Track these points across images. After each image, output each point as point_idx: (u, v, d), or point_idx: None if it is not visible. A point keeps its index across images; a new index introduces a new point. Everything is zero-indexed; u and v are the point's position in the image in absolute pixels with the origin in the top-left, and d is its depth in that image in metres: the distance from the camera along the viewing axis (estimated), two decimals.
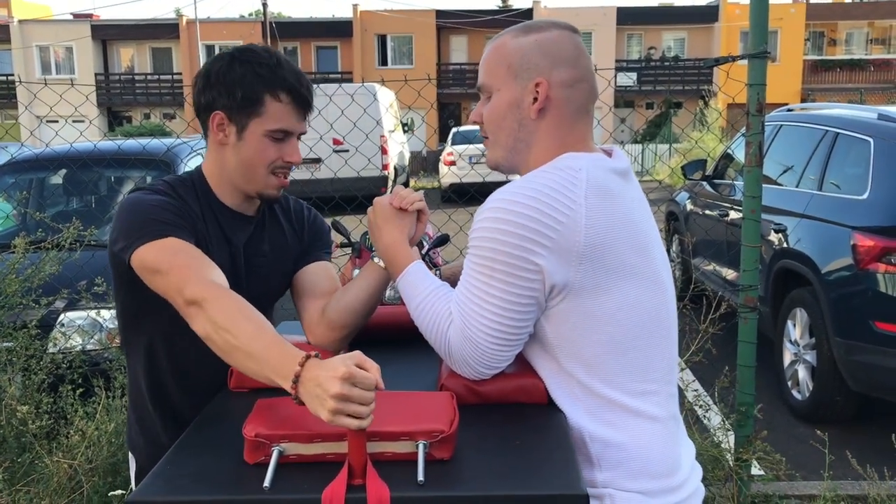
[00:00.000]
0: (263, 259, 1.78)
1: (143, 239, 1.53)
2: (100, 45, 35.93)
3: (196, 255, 1.53)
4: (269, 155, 1.64)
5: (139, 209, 1.58)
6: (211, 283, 1.45)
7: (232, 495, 1.18)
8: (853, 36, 37.02)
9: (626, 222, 1.39)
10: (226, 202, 1.72)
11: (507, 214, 1.34)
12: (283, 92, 1.62)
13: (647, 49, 36.34)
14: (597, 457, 1.40)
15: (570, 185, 1.36)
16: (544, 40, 1.46)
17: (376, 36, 35.32)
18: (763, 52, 2.97)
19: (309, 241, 1.86)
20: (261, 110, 1.61)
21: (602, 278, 1.36)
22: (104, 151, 4.82)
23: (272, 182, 1.68)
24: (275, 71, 1.62)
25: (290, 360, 1.26)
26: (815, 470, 3.77)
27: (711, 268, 6.14)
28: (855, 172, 4.45)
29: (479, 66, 1.55)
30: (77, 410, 3.20)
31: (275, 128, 1.63)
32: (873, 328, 3.99)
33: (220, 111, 1.63)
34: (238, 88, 1.60)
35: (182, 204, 1.65)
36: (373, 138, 13.80)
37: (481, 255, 1.38)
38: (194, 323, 1.43)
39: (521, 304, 1.37)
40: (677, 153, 19.21)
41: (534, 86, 1.45)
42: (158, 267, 1.50)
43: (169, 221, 1.57)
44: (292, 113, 1.64)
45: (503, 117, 1.49)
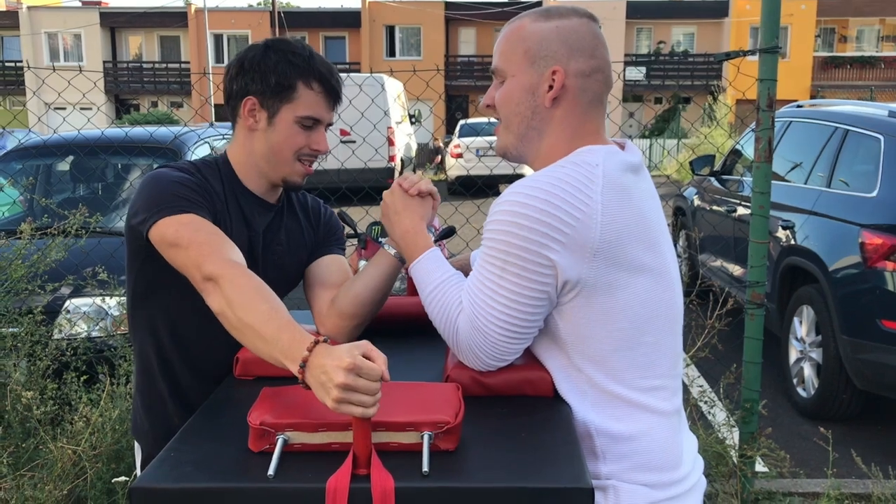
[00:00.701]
0: (280, 247, 1.80)
1: (164, 213, 1.55)
2: (108, 32, 35.94)
3: (216, 233, 1.55)
4: (298, 141, 1.68)
5: (162, 184, 1.60)
6: (229, 261, 1.46)
7: (236, 483, 1.17)
8: (864, 33, 36.81)
9: (639, 218, 1.38)
10: (249, 187, 1.75)
11: (524, 208, 1.33)
12: (316, 81, 1.67)
13: (656, 43, 36.20)
14: (601, 449, 1.40)
15: (588, 180, 1.35)
16: (564, 28, 1.44)
17: (385, 27, 35.25)
18: (774, 47, 2.95)
19: (323, 235, 1.89)
20: (293, 96, 1.66)
21: (614, 274, 1.36)
22: (111, 138, 4.82)
23: (298, 169, 1.71)
24: (308, 61, 1.67)
25: (299, 344, 1.26)
26: (818, 468, 3.76)
27: (718, 264, 6.12)
28: (864, 170, 4.43)
29: (494, 48, 1.53)
30: (81, 397, 3.20)
31: (306, 114, 1.67)
32: (880, 326, 3.97)
33: (253, 96, 1.67)
34: (272, 75, 1.65)
35: (205, 183, 1.67)
36: (380, 129, 13.79)
37: (495, 247, 1.36)
38: (210, 299, 1.44)
39: (533, 299, 1.36)
40: (685, 148, 19.16)
41: (550, 73, 1.44)
42: (178, 241, 1.51)
43: (190, 198, 1.59)
44: (322, 102, 1.69)
45: (517, 103, 1.47)
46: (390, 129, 15.00)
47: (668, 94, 32.00)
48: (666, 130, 25.34)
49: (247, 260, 1.67)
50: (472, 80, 33.95)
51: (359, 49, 35.31)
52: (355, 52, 35.71)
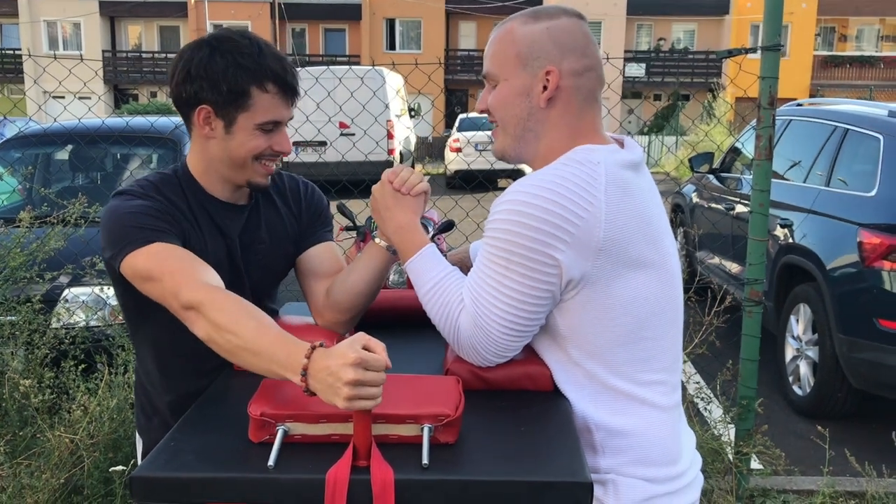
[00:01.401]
0: (262, 246, 1.75)
1: (130, 247, 1.51)
2: (107, 21, 35.83)
3: (185, 258, 1.51)
4: (259, 145, 1.61)
5: (122, 217, 1.55)
6: (205, 286, 1.43)
7: (236, 473, 1.18)
8: (864, 32, 36.80)
9: (641, 216, 1.38)
10: (215, 195, 1.69)
11: (528, 207, 1.33)
12: (270, 82, 1.58)
13: (656, 40, 36.16)
14: (601, 444, 1.41)
15: (591, 179, 1.35)
16: (554, 28, 1.44)
17: (385, 20, 35.16)
18: (776, 44, 2.95)
19: (308, 221, 1.82)
20: (248, 103, 1.57)
21: (617, 271, 1.36)
22: (111, 128, 4.81)
23: (259, 170, 1.64)
24: (258, 60, 1.57)
25: (296, 353, 1.25)
26: (813, 466, 3.78)
27: (716, 261, 6.13)
28: (863, 169, 4.43)
29: (485, 52, 1.52)
30: (79, 386, 3.20)
31: (264, 120, 1.59)
32: (877, 326, 3.98)
33: (206, 105, 1.58)
34: (223, 83, 1.55)
35: (165, 205, 1.61)
36: (380, 122, 13.78)
37: (499, 245, 1.36)
38: (194, 327, 1.42)
39: (537, 297, 1.36)
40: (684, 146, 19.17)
41: (544, 74, 1.43)
42: (150, 274, 1.48)
43: (153, 227, 1.54)
44: (280, 102, 1.60)
45: (512, 105, 1.47)
46: (390, 122, 14.98)
47: (668, 91, 31.97)
48: (665, 127, 25.31)
49: (228, 269, 1.66)
50: (472, 74, 33.90)
51: (359, 42, 35.23)
52: (355, 44, 35.63)
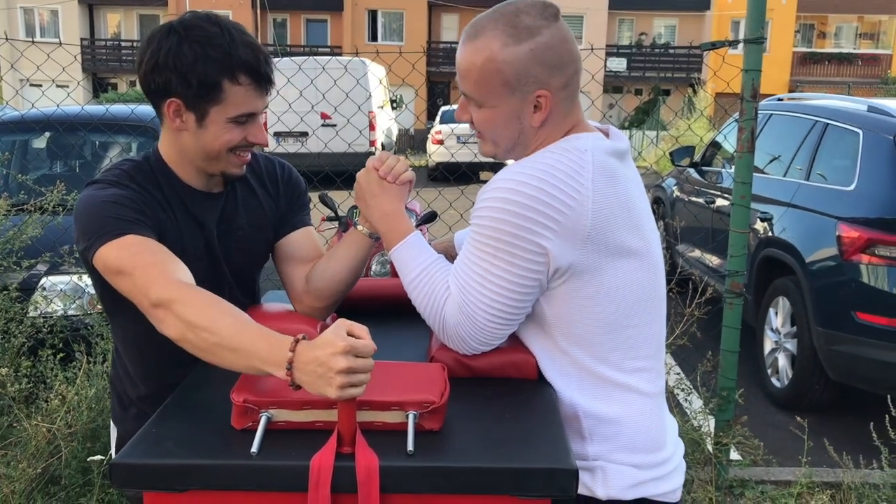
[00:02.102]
0: (241, 232, 1.72)
1: (103, 239, 1.46)
2: (86, 9, 35.39)
3: (158, 252, 1.46)
4: (234, 138, 1.56)
5: (94, 207, 1.51)
6: (177, 283, 1.39)
7: (218, 460, 1.17)
8: (843, 30, 37.13)
9: (626, 203, 1.39)
10: (190, 183, 1.65)
11: (516, 195, 1.33)
12: (243, 73, 1.51)
13: (638, 35, 36.27)
14: (588, 431, 1.41)
15: (578, 167, 1.35)
16: (538, 48, 1.38)
17: (367, 11, 34.99)
18: (760, 37, 2.96)
19: (287, 204, 1.79)
20: (221, 97, 1.52)
21: (603, 259, 1.36)
22: (90, 114, 4.75)
23: (234, 161, 1.60)
24: (229, 51, 1.50)
25: (279, 348, 1.23)
26: (790, 456, 3.81)
27: (696, 254, 6.16)
28: (843, 163, 4.47)
29: (459, 67, 1.44)
30: (57, 375, 3.17)
31: (237, 114, 1.54)
32: (855, 319, 4.02)
33: (176, 98, 1.53)
34: (192, 75, 1.49)
35: (140, 194, 1.57)
36: (362, 112, 13.72)
37: (487, 234, 1.36)
38: (163, 326, 1.37)
39: (524, 286, 1.36)
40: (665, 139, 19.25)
41: (534, 97, 1.40)
42: (121, 268, 1.44)
43: (126, 218, 1.49)
44: (253, 93, 1.54)
45: (503, 128, 1.44)
46: (372, 113, 14.93)
47: (649, 85, 32.10)
48: (645, 122, 25.42)
49: (206, 260, 1.64)
50: (454, 66, 33.75)
51: (340, 33, 35.03)
52: (337, 35, 35.43)
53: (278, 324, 1.55)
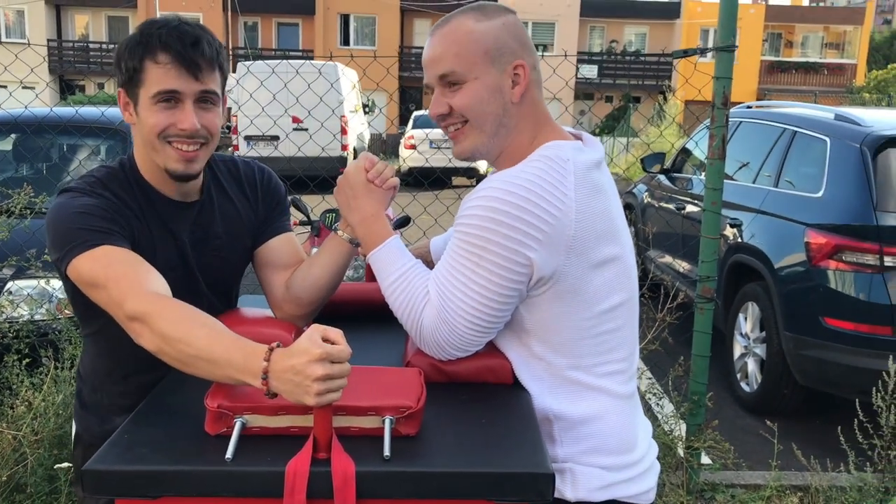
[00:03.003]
0: (218, 241, 1.70)
1: (75, 250, 1.45)
2: (53, 10, 34.92)
3: (133, 263, 1.45)
4: (159, 122, 1.52)
5: (66, 218, 1.49)
6: (151, 295, 1.38)
7: (193, 466, 1.15)
8: (809, 39, 37.78)
9: (605, 212, 1.41)
10: (162, 190, 1.63)
11: (503, 205, 1.33)
12: (161, 52, 1.50)
13: (609, 42, 36.59)
14: (559, 433, 1.42)
15: (561, 177, 1.36)
16: (509, 24, 1.45)
17: (339, 15, 34.93)
18: (731, 45, 3.00)
19: (266, 211, 1.77)
20: (143, 77, 1.52)
21: (584, 268, 1.38)
22: (58, 116, 4.68)
23: (171, 154, 1.55)
24: (151, 33, 1.52)
25: (253, 357, 1.22)
26: (760, 460, 3.85)
27: (667, 260, 6.22)
28: (811, 171, 4.53)
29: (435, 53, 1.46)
30: (23, 381, 3.11)
31: (156, 90, 1.51)
32: (822, 324, 4.07)
33: (121, 89, 1.57)
34: (122, 60, 1.54)
35: (114, 203, 1.55)
36: (335, 116, 13.69)
37: (472, 241, 1.36)
38: (140, 338, 1.36)
39: (506, 295, 1.37)
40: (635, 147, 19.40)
41: (512, 69, 1.43)
42: (95, 280, 1.43)
43: (99, 228, 1.48)
44: (174, 72, 1.51)
45: (487, 103, 1.44)
46: (344, 117, 14.89)
47: (620, 93, 32.38)
48: (616, 129, 25.62)
49: (179, 270, 1.62)
50: None
51: (312, 37, 34.92)
52: (309, 39, 35.31)
53: (254, 328, 1.53)
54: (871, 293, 3.94)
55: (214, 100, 1.57)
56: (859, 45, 36.64)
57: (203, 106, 1.55)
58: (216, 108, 1.58)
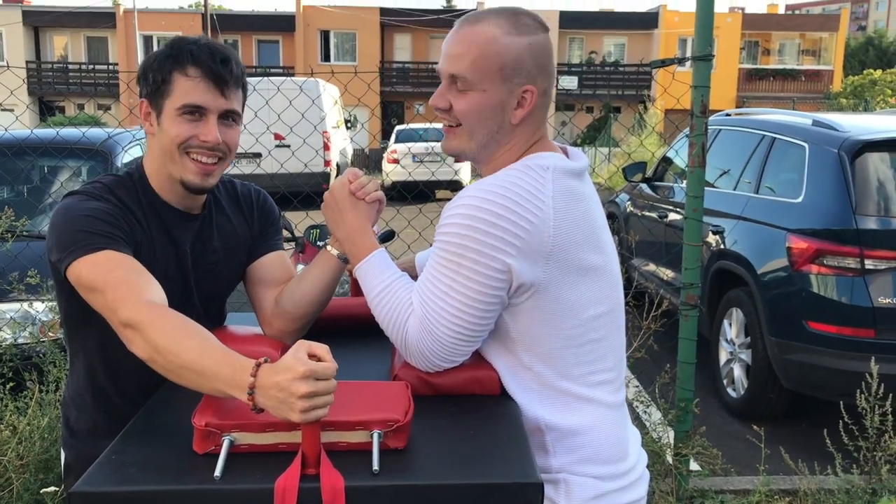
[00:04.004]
0: (214, 255, 1.72)
1: (77, 253, 1.46)
2: (31, 31, 34.79)
3: (133, 270, 1.46)
4: (182, 133, 1.56)
5: (73, 219, 1.50)
6: (147, 305, 1.38)
7: (182, 485, 1.15)
8: (786, 46, 38.21)
9: (586, 220, 1.41)
10: (169, 201, 1.66)
11: (479, 212, 1.34)
12: (192, 66, 1.56)
13: (588, 53, 36.85)
14: (551, 444, 1.42)
15: (540, 185, 1.37)
16: (536, 45, 1.43)
17: (319, 31, 35.00)
18: (708, 55, 3.03)
19: (260, 229, 1.81)
20: (170, 89, 1.57)
21: (565, 276, 1.38)
22: (39, 138, 4.66)
23: (189, 166, 1.59)
24: (183, 47, 1.58)
25: (241, 371, 1.22)
26: (748, 465, 3.87)
27: (651, 268, 6.25)
28: (790, 176, 4.58)
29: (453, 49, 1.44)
30: (7, 405, 3.09)
31: (182, 103, 1.56)
32: (806, 328, 4.11)
33: (144, 99, 1.61)
34: (151, 72, 1.58)
35: (119, 209, 1.57)
36: (318, 131, 13.69)
37: (450, 250, 1.37)
38: (133, 346, 1.37)
39: (486, 303, 1.37)
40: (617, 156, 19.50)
41: (521, 91, 1.43)
42: (94, 284, 1.43)
43: (103, 232, 1.49)
44: (203, 87, 1.56)
45: (486, 117, 1.45)
46: (326, 133, 14.90)
47: (600, 103, 32.58)
48: (597, 139, 25.76)
49: (177, 280, 1.63)
50: (407, 86, 33.94)
51: (293, 53, 34.97)
52: (289, 56, 35.36)
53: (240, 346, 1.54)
54: (852, 296, 3.98)
55: (237, 119, 1.64)
56: (835, 51, 37.09)
57: (225, 123, 1.61)
58: (237, 126, 1.64)
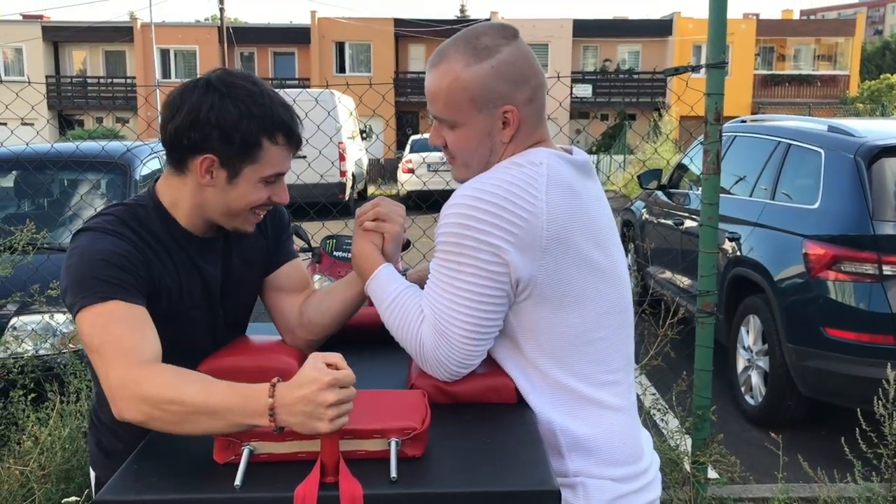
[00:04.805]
0: (237, 273, 1.71)
1: (85, 301, 1.41)
2: (51, 46, 35.20)
3: (133, 325, 1.41)
4: (261, 197, 1.55)
5: (82, 264, 1.45)
6: (137, 364, 1.34)
7: (202, 494, 1.17)
8: (801, 52, 38.01)
9: (585, 216, 1.42)
10: (191, 229, 1.61)
11: (472, 210, 1.36)
12: (281, 134, 1.52)
13: (602, 61, 36.83)
14: (566, 448, 1.43)
15: (532, 179, 1.38)
16: (501, 65, 1.44)
17: (334, 43, 35.19)
18: (722, 62, 3.04)
19: (274, 236, 1.79)
20: (259, 155, 1.51)
21: (564, 271, 1.39)
22: (59, 152, 4.72)
23: (251, 219, 1.60)
24: (270, 110, 1.50)
25: (256, 398, 1.22)
26: (766, 473, 3.85)
27: (667, 275, 6.23)
28: (806, 182, 4.57)
29: (428, 92, 1.49)
30: (29, 416, 3.12)
31: (271, 173, 1.53)
32: (824, 334, 4.08)
33: (211, 154, 1.49)
34: (235, 133, 1.48)
35: (136, 245, 1.51)
36: (333, 143, 13.76)
37: (448, 249, 1.39)
38: (123, 411, 1.31)
39: (491, 297, 1.39)
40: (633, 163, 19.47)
41: (501, 113, 1.46)
42: (90, 342, 1.39)
43: (113, 280, 1.43)
44: (287, 154, 1.55)
45: (477, 146, 1.49)
46: (342, 144, 14.97)
47: (615, 111, 32.56)
48: (612, 147, 25.73)
49: (203, 304, 1.63)
50: (422, 96, 34.02)
51: (308, 65, 35.18)
52: (305, 68, 35.57)
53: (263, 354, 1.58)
54: (870, 302, 3.96)
55: None
56: (851, 56, 36.88)
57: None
58: None
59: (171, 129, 1.50)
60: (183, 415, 1.26)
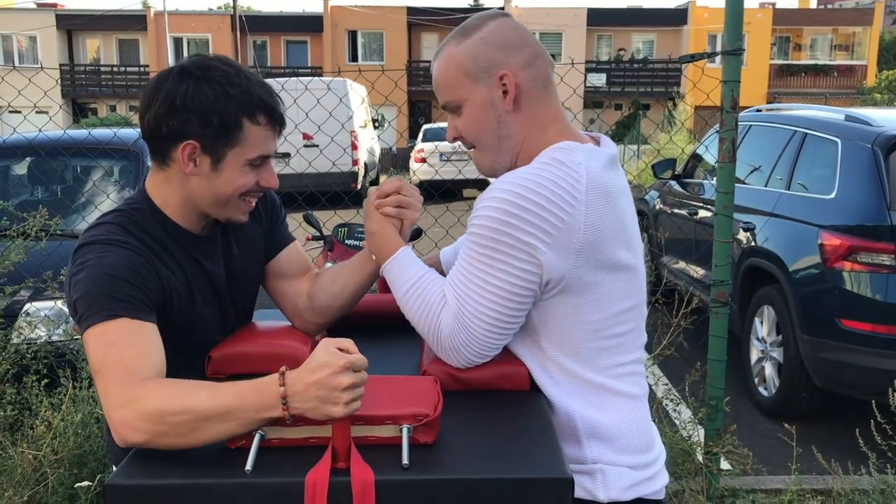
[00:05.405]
0: (239, 265, 1.69)
1: (92, 318, 1.38)
2: (65, 34, 35.32)
3: (136, 344, 1.37)
4: (248, 182, 1.51)
5: (93, 277, 1.40)
6: (137, 383, 1.30)
7: (213, 479, 1.16)
8: (818, 42, 37.67)
9: (618, 218, 1.41)
10: (189, 228, 1.58)
11: (513, 207, 1.35)
12: (262, 113, 1.48)
13: (616, 50, 36.62)
14: (585, 435, 1.43)
15: (574, 181, 1.37)
16: (487, 34, 1.47)
17: (347, 31, 35.14)
18: (738, 49, 3.00)
19: (269, 222, 1.76)
20: (239, 137, 1.47)
21: (593, 272, 1.39)
22: (72, 138, 4.73)
23: (242, 207, 1.56)
24: (248, 90, 1.47)
25: (267, 389, 1.21)
26: (779, 464, 3.82)
27: (681, 265, 6.20)
28: (822, 172, 4.52)
29: (434, 84, 1.53)
30: (42, 401, 3.14)
31: (256, 155, 1.50)
32: (839, 325, 4.05)
33: (192, 140, 1.46)
34: (213, 115, 1.44)
35: (142, 254, 1.47)
36: (345, 130, 13.76)
37: (483, 243, 1.37)
38: (125, 433, 1.26)
39: (520, 295, 1.38)
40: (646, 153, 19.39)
41: (498, 80, 1.46)
42: (93, 362, 1.36)
43: (119, 296, 1.39)
44: (270, 135, 1.51)
45: (481, 121, 1.48)
46: (354, 132, 14.96)
47: (629, 100, 32.40)
48: (626, 136, 25.62)
49: (211, 302, 1.61)
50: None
51: (321, 54, 35.15)
52: (317, 56, 35.55)
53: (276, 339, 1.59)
54: (887, 293, 3.92)
55: None
56: (869, 45, 36.50)
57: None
58: None
59: (149, 118, 1.48)
60: (192, 423, 1.22)
